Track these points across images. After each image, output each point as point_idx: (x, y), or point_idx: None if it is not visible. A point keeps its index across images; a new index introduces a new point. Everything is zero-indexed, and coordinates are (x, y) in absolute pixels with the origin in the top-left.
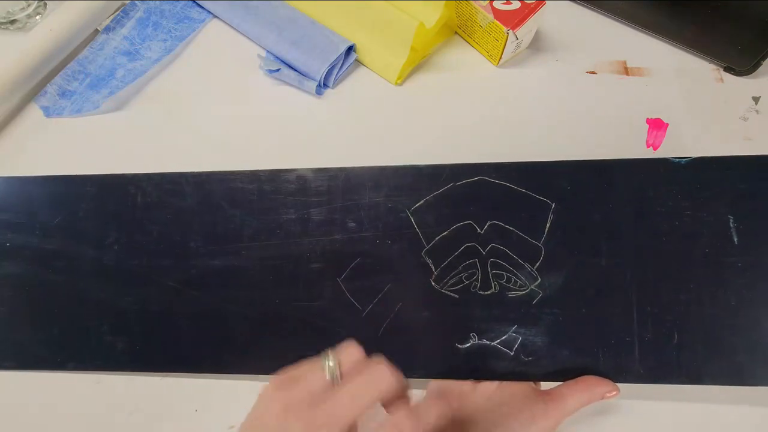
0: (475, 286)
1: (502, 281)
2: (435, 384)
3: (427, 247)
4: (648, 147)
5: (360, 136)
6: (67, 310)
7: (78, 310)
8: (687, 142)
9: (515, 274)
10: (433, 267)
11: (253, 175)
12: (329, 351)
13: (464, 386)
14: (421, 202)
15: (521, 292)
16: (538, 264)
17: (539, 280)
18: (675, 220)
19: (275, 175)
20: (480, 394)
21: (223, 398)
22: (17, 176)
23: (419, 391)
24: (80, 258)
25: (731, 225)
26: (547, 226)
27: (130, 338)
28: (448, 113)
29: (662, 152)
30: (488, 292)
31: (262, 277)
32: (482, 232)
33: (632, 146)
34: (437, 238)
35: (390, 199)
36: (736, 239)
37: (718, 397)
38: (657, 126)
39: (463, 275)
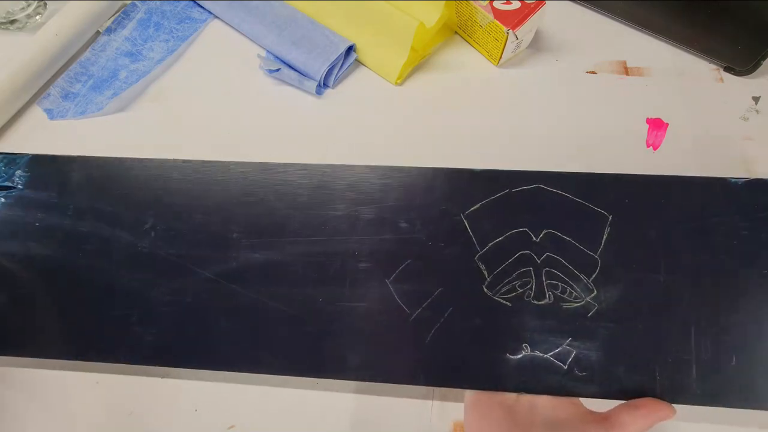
0: (529, 294)
1: (557, 291)
2: (472, 393)
3: (481, 252)
4: (648, 147)
5: (359, 137)
6: (94, 297)
7: (106, 297)
8: (687, 143)
9: (571, 285)
10: (486, 273)
11: (302, 168)
12: None
13: (507, 398)
14: (477, 206)
15: (576, 304)
16: (594, 276)
17: (595, 292)
18: (733, 240)
19: (323, 170)
20: (525, 408)
21: (223, 398)
22: (52, 154)
23: (455, 404)
24: (113, 242)
25: None
26: (604, 238)
27: (160, 330)
28: (447, 113)
29: (662, 151)
30: (542, 302)
31: (306, 273)
32: (538, 240)
33: (632, 146)
34: (491, 244)
35: (444, 201)
36: None
37: None
38: (657, 126)
39: (517, 283)
